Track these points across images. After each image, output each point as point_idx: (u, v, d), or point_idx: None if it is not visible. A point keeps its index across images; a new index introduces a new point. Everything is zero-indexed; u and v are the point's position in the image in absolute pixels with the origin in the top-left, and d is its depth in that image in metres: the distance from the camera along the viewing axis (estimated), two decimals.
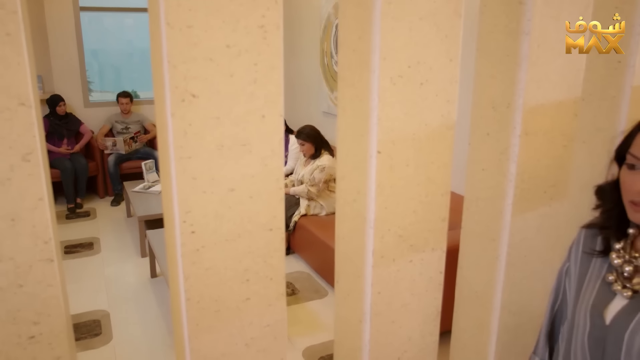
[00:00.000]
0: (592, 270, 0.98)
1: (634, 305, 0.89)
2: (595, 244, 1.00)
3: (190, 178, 1.04)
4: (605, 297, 0.93)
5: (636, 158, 0.84)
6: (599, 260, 0.98)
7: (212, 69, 1.00)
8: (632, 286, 0.90)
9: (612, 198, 0.94)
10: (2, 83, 0.88)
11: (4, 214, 0.93)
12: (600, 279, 0.96)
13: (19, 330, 0.99)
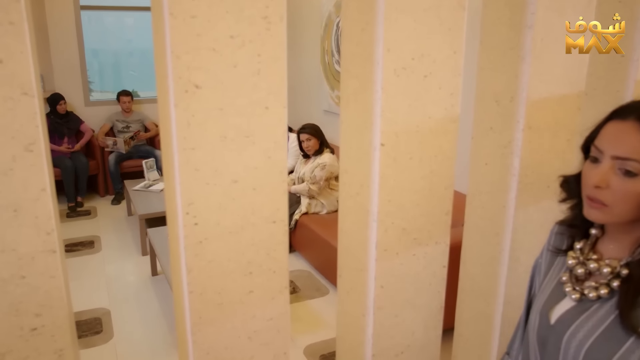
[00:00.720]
0: (555, 268, 0.96)
1: (579, 309, 0.85)
2: (561, 242, 0.97)
3: (193, 169, 1.03)
4: (556, 297, 0.90)
5: (599, 151, 0.80)
6: (562, 259, 0.94)
7: (215, 60, 1.00)
8: (581, 289, 0.86)
9: (576, 191, 0.89)
10: (5, 72, 0.87)
11: (6, 205, 0.93)
12: (557, 278, 0.93)
13: (21, 322, 0.99)
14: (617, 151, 0.77)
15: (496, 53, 1.42)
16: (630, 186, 0.76)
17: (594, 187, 0.79)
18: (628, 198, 0.76)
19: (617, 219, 0.80)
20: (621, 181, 0.76)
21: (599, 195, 0.78)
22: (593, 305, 0.83)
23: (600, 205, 0.79)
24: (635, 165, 0.75)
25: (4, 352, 0.98)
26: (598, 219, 0.81)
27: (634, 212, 0.78)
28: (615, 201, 0.77)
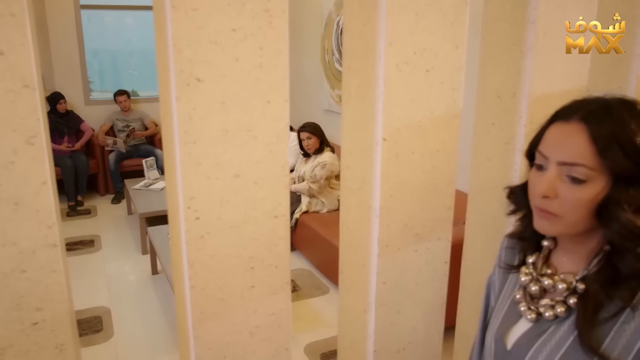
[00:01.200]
0: (508, 286, 0.87)
1: (536, 331, 0.77)
2: (511, 257, 0.88)
3: (194, 163, 1.03)
4: (511, 318, 0.82)
5: (544, 157, 0.72)
6: (515, 276, 0.86)
7: (217, 53, 0.99)
8: (537, 308, 0.78)
9: (524, 202, 0.80)
10: (6, 64, 0.87)
11: (7, 198, 0.92)
12: (510, 297, 0.84)
13: (22, 317, 0.98)
14: (562, 156, 0.69)
15: (498, 48, 1.42)
16: (579, 194, 0.68)
17: (541, 198, 0.71)
18: (578, 207, 0.69)
19: (569, 230, 0.72)
20: (569, 189, 0.69)
21: (548, 206, 0.71)
22: (550, 325, 0.76)
23: (550, 216, 0.71)
24: (583, 171, 0.68)
25: (5, 346, 0.98)
26: (549, 230, 0.74)
27: (587, 221, 0.71)
28: (566, 211, 0.70)
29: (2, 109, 0.88)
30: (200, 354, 1.15)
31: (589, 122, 0.68)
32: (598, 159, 0.67)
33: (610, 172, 0.67)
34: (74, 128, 5.15)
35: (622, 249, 0.69)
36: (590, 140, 0.68)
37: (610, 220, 0.68)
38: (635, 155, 0.67)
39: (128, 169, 5.22)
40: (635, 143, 0.67)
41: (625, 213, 0.67)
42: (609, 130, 0.67)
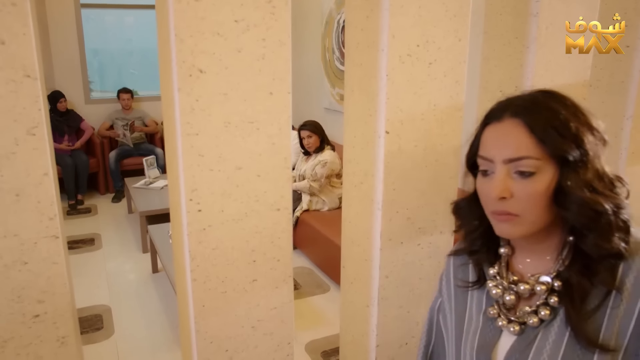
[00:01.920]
0: (471, 304, 0.83)
1: (525, 341, 0.74)
2: (467, 273, 0.85)
3: (197, 155, 1.02)
4: (492, 335, 0.78)
5: (488, 160, 0.71)
6: (476, 292, 0.82)
7: (219, 44, 0.99)
8: (517, 318, 0.75)
9: (473, 215, 0.79)
10: (7, 54, 0.86)
11: (9, 189, 0.92)
12: (481, 313, 0.80)
13: (23, 309, 0.98)
14: (507, 154, 0.69)
15: (500, 42, 1.41)
16: (532, 187, 0.68)
17: (497, 201, 0.69)
18: (535, 201, 0.68)
19: (531, 227, 0.71)
20: (522, 184, 0.68)
21: (506, 207, 0.69)
22: (537, 331, 0.73)
23: (510, 217, 0.70)
24: (530, 163, 0.68)
25: (7, 338, 0.97)
26: (512, 233, 0.72)
27: (546, 215, 0.70)
28: (524, 208, 0.69)
29: (4, 99, 0.88)
30: (202, 348, 1.14)
31: (522, 115, 0.69)
32: (540, 148, 0.67)
33: (555, 158, 0.68)
34: (74, 127, 5.14)
35: (584, 231, 0.69)
36: (528, 132, 0.68)
37: (568, 203, 0.67)
38: (574, 137, 0.67)
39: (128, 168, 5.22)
40: (571, 127, 0.68)
41: (580, 193, 0.67)
42: (543, 119, 0.68)
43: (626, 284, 0.68)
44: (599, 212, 0.66)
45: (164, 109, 1.08)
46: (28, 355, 1.00)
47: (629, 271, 0.68)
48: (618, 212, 0.68)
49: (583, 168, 0.68)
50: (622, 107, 1.61)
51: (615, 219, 0.68)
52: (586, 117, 0.71)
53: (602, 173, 0.70)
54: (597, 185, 0.68)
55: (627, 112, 1.60)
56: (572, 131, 0.68)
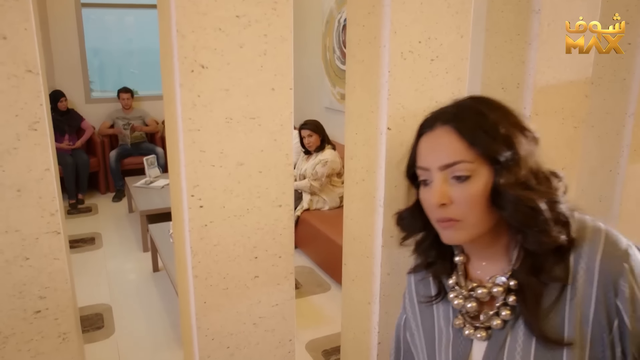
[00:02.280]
0: (438, 318, 0.83)
1: (495, 345, 0.74)
2: (429, 288, 0.85)
3: (198, 151, 1.02)
4: (464, 346, 0.78)
5: (425, 170, 0.74)
6: (442, 305, 0.82)
7: (221, 39, 0.99)
8: (482, 324, 0.75)
9: (416, 225, 0.80)
10: (9, 49, 0.86)
11: (10, 184, 0.91)
12: (450, 326, 0.81)
13: (24, 305, 0.98)
14: (441, 160, 0.71)
15: (502, 39, 1.41)
16: (470, 190, 0.69)
17: (438, 207, 0.71)
18: (474, 203, 0.69)
19: (475, 230, 0.72)
20: (459, 189, 0.70)
21: (448, 213, 0.71)
22: (506, 333, 0.73)
23: (453, 223, 0.71)
24: (464, 167, 0.69)
25: (8, 334, 0.97)
26: (457, 238, 0.73)
27: (487, 217, 0.71)
28: (465, 212, 0.70)
29: (5, 94, 0.88)
30: (204, 345, 1.14)
31: (452, 122, 0.71)
32: (472, 151, 0.69)
33: (488, 160, 0.69)
34: (74, 126, 5.14)
35: (525, 229, 0.69)
36: (459, 137, 0.70)
37: (504, 202, 0.68)
38: (504, 138, 0.69)
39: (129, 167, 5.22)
40: (500, 128, 0.69)
41: (514, 191, 0.68)
42: (471, 123, 0.70)
43: (579, 271, 0.68)
44: (534, 209, 0.67)
45: (166, 105, 1.07)
46: (29, 352, 1.00)
47: (580, 259, 0.68)
48: (554, 207, 0.69)
49: (515, 167, 0.69)
50: (624, 105, 1.61)
51: (552, 213, 0.68)
52: (516, 118, 0.73)
53: (536, 170, 0.71)
54: (531, 183, 0.69)
55: (629, 110, 1.60)
56: (501, 132, 0.70)
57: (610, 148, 1.65)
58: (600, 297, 0.66)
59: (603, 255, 0.67)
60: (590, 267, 0.68)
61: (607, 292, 0.66)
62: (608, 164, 1.67)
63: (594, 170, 1.70)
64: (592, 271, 0.67)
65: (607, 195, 1.68)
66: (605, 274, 0.66)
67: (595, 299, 0.67)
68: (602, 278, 0.67)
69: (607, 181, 1.67)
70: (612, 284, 0.66)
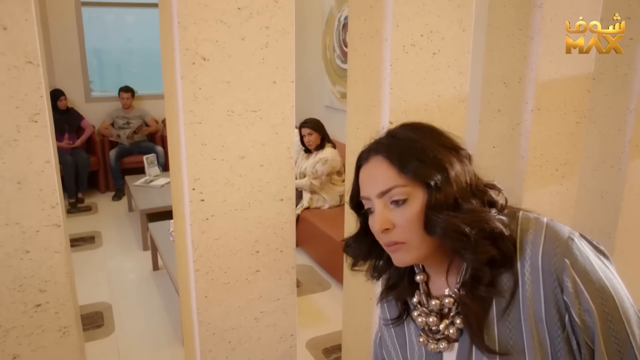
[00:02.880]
0: (410, 336, 0.85)
1: (463, 354, 0.76)
2: (395, 308, 0.87)
3: (200, 144, 1.01)
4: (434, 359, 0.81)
5: (367, 199, 0.76)
6: (411, 324, 0.85)
7: (223, 32, 0.98)
8: (442, 334, 0.78)
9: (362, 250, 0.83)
10: (9, 40, 0.86)
11: (11, 177, 0.91)
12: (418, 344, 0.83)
13: (25, 298, 0.97)
14: (378, 188, 0.73)
15: (504, 34, 1.41)
16: (407, 213, 0.72)
17: (382, 233, 0.74)
18: (413, 225, 0.72)
19: (421, 250, 0.74)
20: (398, 213, 0.72)
21: (392, 237, 0.73)
22: (465, 341, 0.76)
23: (399, 245, 0.74)
24: (398, 191, 0.72)
25: (8, 328, 0.96)
26: (406, 259, 0.75)
27: (425, 234, 0.73)
28: (407, 234, 0.73)
29: (5, 85, 0.87)
30: (205, 339, 1.14)
31: (383, 151, 0.74)
32: (403, 176, 0.72)
33: (420, 184, 0.72)
34: (74, 125, 5.13)
35: (458, 249, 0.72)
36: (389, 164, 0.73)
37: (433, 226, 0.71)
38: (433, 161, 0.71)
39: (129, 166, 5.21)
40: (428, 152, 0.72)
41: (442, 215, 0.70)
42: (399, 150, 0.73)
43: (525, 274, 0.70)
44: (461, 232, 0.69)
45: (167, 98, 1.07)
46: (29, 345, 0.99)
47: (525, 262, 0.70)
48: (481, 225, 0.70)
49: (447, 187, 0.71)
50: (625, 100, 1.60)
51: (479, 232, 0.70)
52: (448, 139, 0.75)
53: (469, 187, 0.73)
54: (461, 203, 0.71)
55: (631, 105, 1.60)
56: (430, 156, 0.72)
57: (612, 144, 1.65)
58: (549, 295, 0.68)
59: (544, 253, 0.69)
60: (535, 267, 0.70)
61: (553, 289, 0.68)
62: (610, 160, 1.67)
63: (596, 166, 1.70)
64: (537, 271, 0.69)
65: (609, 191, 1.67)
66: (549, 271, 0.68)
67: (544, 297, 0.69)
68: (546, 276, 0.68)
69: (609, 177, 1.67)
70: (556, 280, 0.68)
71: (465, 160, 0.75)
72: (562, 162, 1.48)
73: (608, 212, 1.67)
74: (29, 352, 0.99)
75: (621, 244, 1.66)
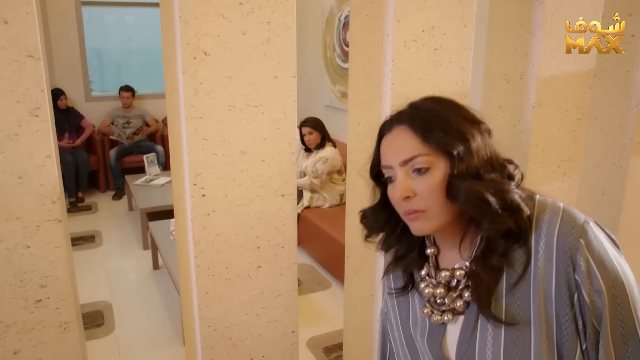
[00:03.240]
0: (414, 309, 0.86)
1: (467, 327, 0.77)
2: (400, 279, 0.88)
3: (201, 139, 1.01)
4: (437, 332, 0.81)
5: (388, 168, 0.77)
6: (417, 297, 0.85)
7: (224, 26, 0.98)
8: (448, 307, 0.78)
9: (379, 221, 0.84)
10: (10, 33, 0.85)
11: (11, 171, 0.90)
12: (421, 316, 0.84)
13: (25, 294, 0.97)
14: (400, 157, 0.75)
15: (505, 30, 1.40)
16: (429, 182, 0.73)
17: (403, 201, 0.75)
18: (435, 193, 0.73)
19: (440, 219, 0.75)
20: (420, 181, 0.74)
21: (412, 205, 0.74)
22: (476, 316, 0.76)
23: (419, 214, 0.75)
24: (421, 160, 0.73)
25: (9, 323, 0.96)
26: (424, 228, 0.76)
27: (448, 205, 0.74)
28: (428, 202, 0.74)
29: (6, 79, 0.87)
30: (206, 336, 1.13)
31: (407, 121, 0.75)
32: (427, 145, 0.73)
33: (443, 153, 0.73)
34: (74, 124, 5.13)
35: (479, 218, 0.73)
36: (413, 134, 0.74)
37: (456, 194, 0.72)
38: (456, 132, 0.73)
39: (129, 166, 5.21)
40: (451, 123, 0.73)
41: (464, 183, 0.72)
42: (424, 119, 0.74)
43: (539, 251, 0.72)
44: (483, 200, 0.71)
45: (168, 93, 1.06)
46: (30, 341, 0.99)
47: (539, 239, 0.72)
48: (503, 195, 0.72)
49: (469, 158, 0.73)
50: (627, 97, 1.60)
51: (501, 202, 0.72)
52: (469, 112, 0.77)
53: (491, 160, 0.75)
54: (483, 174, 0.73)
55: (632, 102, 1.59)
56: (453, 127, 0.73)
57: (613, 141, 1.65)
58: (561, 273, 0.70)
59: (560, 233, 0.71)
60: (549, 245, 0.71)
61: (566, 267, 0.70)
62: (611, 157, 1.67)
63: (597, 163, 1.69)
64: (551, 249, 0.71)
65: (611, 188, 1.67)
66: (563, 250, 0.70)
67: (555, 275, 0.71)
68: (560, 254, 0.70)
69: (611, 174, 1.67)
70: (570, 259, 0.70)
71: (486, 134, 0.76)
72: (563, 159, 1.48)
73: (609, 209, 1.67)
74: (30, 347, 0.99)
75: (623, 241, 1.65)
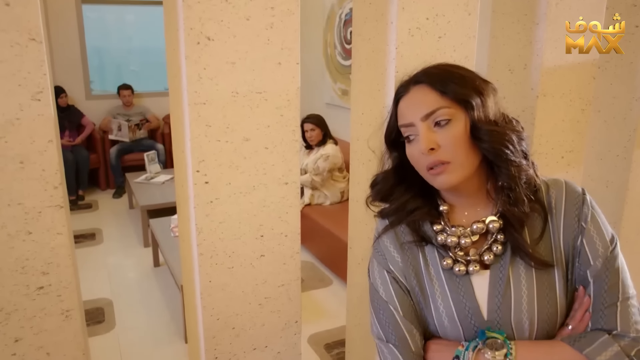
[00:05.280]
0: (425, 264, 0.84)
1: (498, 280, 0.79)
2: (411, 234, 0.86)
3: (204, 125, 1.00)
4: (464, 285, 0.81)
5: (408, 125, 0.79)
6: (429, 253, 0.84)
7: (228, 11, 0.97)
8: (474, 257, 0.80)
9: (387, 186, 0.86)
10: (11, 16, 0.85)
11: (13, 156, 0.90)
12: (440, 270, 0.83)
13: (27, 280, 0.96)
14: (422, 111, 0.77)
15: (509, 20, 1.40)
16: (452, 132, 0.76)
17: (427, 155, 0.77)
18: (458, 143, 0.77)
19: (464, 170, 0.78)
20: (443, 133, 0.77)
21: (438, 156, 0.77)
22: (507, 269, 0.79)
23: (444, 166, 0.77)
24: (443, 112, 0.77)
25: (10, 310, 0.95)
26: (451, 179, 0.78)
27: (472, 154, 0.78)
28: (452, 153, 0.76)
29: (8, 63, 0.86)
30: (209, 325, 1.12)
31: (424, 80, 0.80)
32: (446, 98, 0.77)
33: (461, 105, 0.77)
34: (75, 122, 5.12)
35: (499, 163, 0.78)
36: (431, 89, 0.78)
37: (482, 135, 0.77)
38: (472, 86, 0.78)
39: (129, 164, 5.20)
40: (467, 79, 0.79)
41: (488, 125, 0.77)
42: (441, 76, 0.79)
43: (551, 206, 0.81)
44: (507, 140, 0.77)
45: (170, 78, 1.06)
46: (32, 329, 0.98)
47: (550, 198, 0.82)
48: (521, 142, 0.80)
49: (485, 109, 0.78)
50: (630, 89, 1.59)
51: (519, 146, 0.79)
52: (478, 75, 0.83)
53: (502, 113, 0.81)
54: (499, 121, 0.79)
55: (636, 94, 1.58)
56: (468, 82, 0.79)
57: (617, 133, 1.64)
58: (569, 223, 0.80)
59: (567, 194, 0.81)
60: (559, 203, 0.81)
61: (573, 217, 0.80)
62: (615, 149, 1.66)
63: (601, 155, 1.69)
64: (561, 206, 0.81)
65: (614, 180, 1.66)
66: (572, 206, 0.80)
67: (564, 226, 0.80)
68: (569, 208, 0.81)
69: (614, 166, 1.66)
70: (576, 212, 0.80)
71: (494, 92, 0.81)
72: (567, 150, 1.47)
73: (613, 201, 1.66)
74: (31, 335, 0.98)
75: (626, 233, 1.64)
